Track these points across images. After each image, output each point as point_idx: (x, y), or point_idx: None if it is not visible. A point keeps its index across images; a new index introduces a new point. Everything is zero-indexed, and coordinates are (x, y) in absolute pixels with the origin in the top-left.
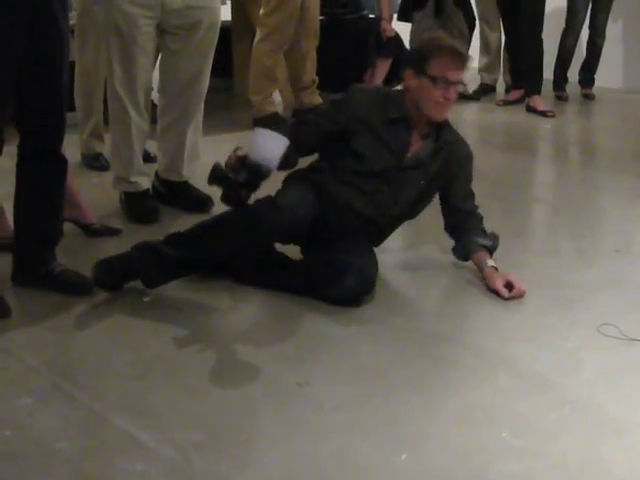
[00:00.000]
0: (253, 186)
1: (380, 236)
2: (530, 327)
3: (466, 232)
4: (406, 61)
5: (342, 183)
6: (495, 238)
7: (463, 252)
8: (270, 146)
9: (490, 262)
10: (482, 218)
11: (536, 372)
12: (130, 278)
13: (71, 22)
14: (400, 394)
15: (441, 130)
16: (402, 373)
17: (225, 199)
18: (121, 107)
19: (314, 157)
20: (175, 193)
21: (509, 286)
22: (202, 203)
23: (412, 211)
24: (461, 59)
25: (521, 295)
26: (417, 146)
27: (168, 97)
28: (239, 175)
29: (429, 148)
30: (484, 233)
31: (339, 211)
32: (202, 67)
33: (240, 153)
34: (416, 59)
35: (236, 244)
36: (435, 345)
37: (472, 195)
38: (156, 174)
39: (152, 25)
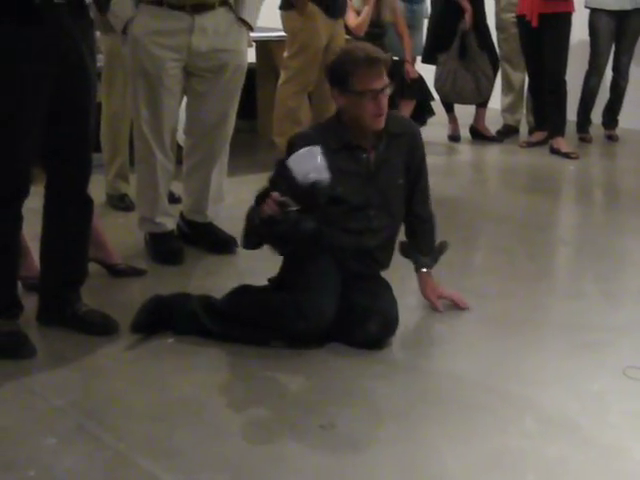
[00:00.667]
0: (316, 206)
1: (389, 254)
2: (556, 370)
3: (414, 241)
4: (329, 81)
5: (342, 232)
6: (439, 250)
7: (403, 254)
8: (309, 162)
9: (424, 269)
10: (432, 226)
11: (562, 415)
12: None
13: (98, 64)
14: (425, 437)
15: (387, 126)
16: (426, 416)
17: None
18: (147, 148)
19: None
20: (199, 233)
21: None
22: (226, 244)
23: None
24: (378, 65)
25: (464, 306)
26: (373, 153)
27: (194, 138)
28: (288, 211)
29: (382, 146)
30: (427, 248)
31: (355, 256)
32: (228, 109)
33: (275, 198)
34: (337, 78)
35: (265, 340)
36: (459, 388)
37: (425, 193)
38: (181, 214)
39: (179, 67)
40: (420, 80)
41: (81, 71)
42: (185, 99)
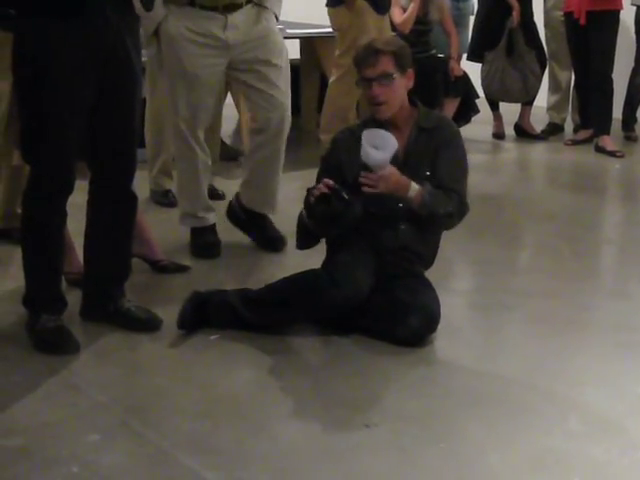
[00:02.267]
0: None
1: (431, 251)
2: (600, 371)
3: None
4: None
5: (376, 222)
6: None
7: None
8: (375, 158)
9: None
10: (452, 210)
11: (607, 416)
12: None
13: (143, 59)
14: (470, 437)
15: (418, 120)
16: (471, 415)
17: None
18: (186, 145)
19: None
20: (254, 224)
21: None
22: (276, 242)
23: None
24: (374, 54)
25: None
26: (404, 145)
27: (263, 134)
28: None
29: (411, 138)
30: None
31: (393, 251)
32: (286, 98)
33: (327, 182)
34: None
35: (303, 317)
36: (504, 388)
37: (456, 182)
38: (238, 199)
39: (218, 65)
40: (465, 78)
41: (126, 66)
42: (245, 102)
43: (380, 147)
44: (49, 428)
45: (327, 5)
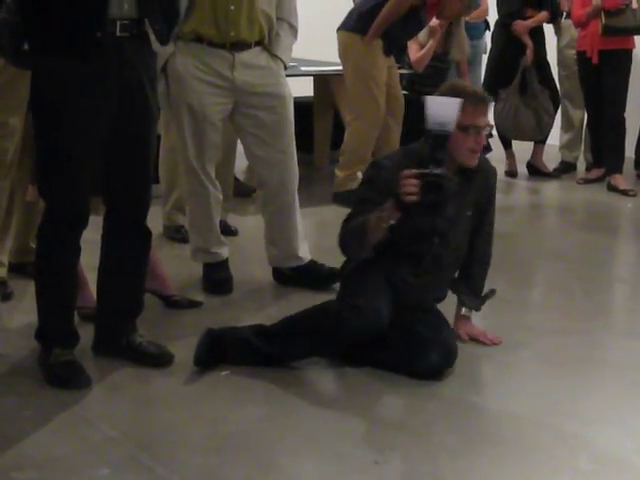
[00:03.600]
0: (442, 156)
1: (446, 287)
2: (611, 409)
3: (468, 280)
4: None
5: (406, 256)
6: (487, 295)
7: (453, 289)
8: (444, 110)
9: (464, 310)
10: (487, 268)
11: (618, 456)
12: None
13: None
14: (478, 475)
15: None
16: (480, 454)
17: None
18: (198, 181)
19: None
20: (303, 274)
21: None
22: (330, 278)
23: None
24: (484, 103)
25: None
26: None
27: (269, 186)
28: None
29: (457, 179)
30: (477, 291)
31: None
32: (290, 145)
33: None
34: None
35: (322, 348)
36: (514, 426)
37: (491, 234)
38: (274, 269)
39: (224, 104)
40: None
41: (142, 102)
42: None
43: (444, 111)
44: (60, 462)
45: (341, 28)
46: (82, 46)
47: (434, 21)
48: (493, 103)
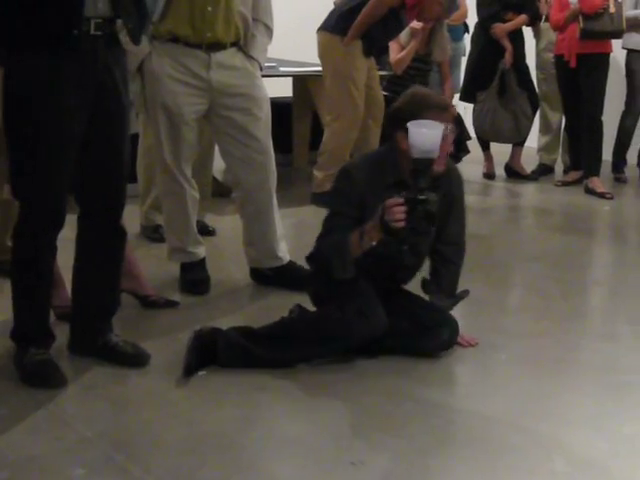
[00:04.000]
0: (424, 183)
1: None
2: (587, 411)
3: (437, 279)
4: (393, 124)
5: (376, 261)
6: (460, 296)
7: (424, 289)
8: (429, 140)
9: None
10: (457, 268)
11: (592, 457)
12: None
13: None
14: (453, 476)
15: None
16: (455, 455)
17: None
18: (174, 180)
19: None
20: (281, 275)
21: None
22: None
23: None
24: (448, 112)
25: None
26: None
27: (246, 187)
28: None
29: None
30: (448, 291)
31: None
32: (268, 145)
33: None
34: (405, 121)
35: (325, 353)
36: (489, 427)
37: (459, 238)
38: (252, 269)
39: (200, 104)
40: (458, 119)
41: (115, 101)
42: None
43: (428, 140)
44: (34, 462)
45: (321, 29)
46: (58, 44)
47: (415, 23)
48: (472, 105)
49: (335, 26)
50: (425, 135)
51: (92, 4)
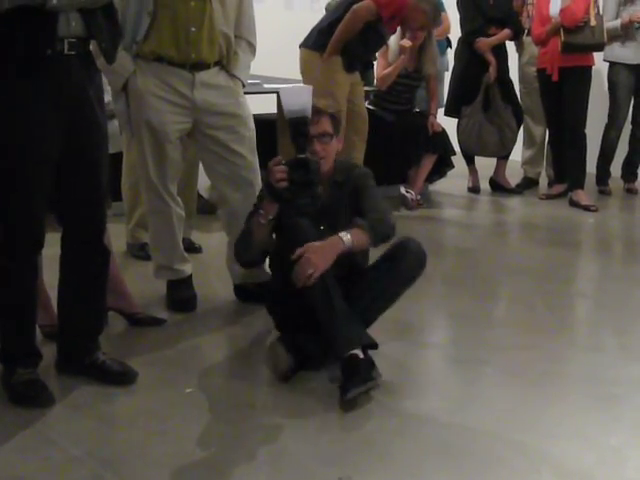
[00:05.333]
0: (303, 142)
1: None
2: (573, 423)
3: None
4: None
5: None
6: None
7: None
8: (298, 98)
9: (343, 234)
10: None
11: (579, 469)
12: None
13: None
14: None
15: (334, 174)
16: (442, 468)
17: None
18: (159, 198)
19: None
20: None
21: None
22: None
23: None
24: (316, 113)
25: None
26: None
27: (232, 205)
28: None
29: (328, 192)
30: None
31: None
32: (254, 162)
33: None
34: None
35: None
36: (476, 440)
37: (384, 211)
38: (237, 287)
39: (184, 123)
40: (443, 134)
41: (91, 121)
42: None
43: (295, 98)
44: None
45: (302, 45)
46: (32, 63)
47: (405, 41)
48: (457, 120)
49: (315, 42)
50: (292, 92)
51: (65, 24)
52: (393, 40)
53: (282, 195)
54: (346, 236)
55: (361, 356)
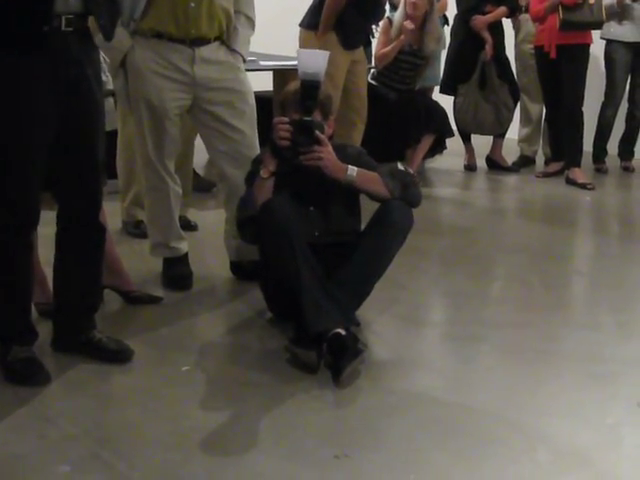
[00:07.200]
0: (312, 105)
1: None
2: (569, 401)
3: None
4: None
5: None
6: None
7: None
8: (313, 61)
9: (350, 167)
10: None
11: (575, 448)
12: None
13: (109, 87)
14: (438, 468)
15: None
16: (439, 446)
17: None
18: (157, 176)
19: None
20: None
21: None
22: None
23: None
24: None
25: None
26: None
27: (232, 181)
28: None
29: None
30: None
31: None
32: (254, 139)
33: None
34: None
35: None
36: (472, 418)
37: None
38: (235, 264)
39: (183, 99)
40: (443, 115)
41: (88, 98)
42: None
43: (311, 61)
44: (19, 459)
45: (300, 25)
46: (29, 41)
47: (407, 22)
48: (453, 98)
49: (309, 22)
50: (309, 55)
51: (63, 0)
52: (397, 17)
53: (283, 153)
54: (352, 169)
55: (343, 333)
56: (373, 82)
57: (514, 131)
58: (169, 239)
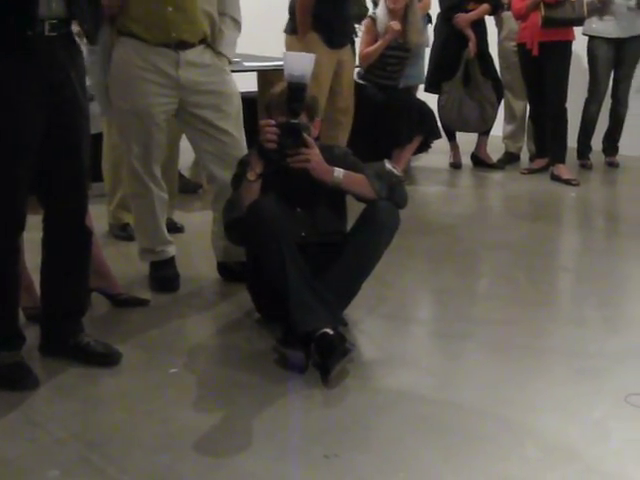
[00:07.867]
0: (298, 108)
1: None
2: (556, 397)
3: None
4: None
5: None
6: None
7: None
8: (300, 64)
9: (336, 168)
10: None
11: (563, 443)
12: None
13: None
14: (426, 465)
15: None
16: (427, 444)
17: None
18: (141, 183)
19: None
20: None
21: None
22: None
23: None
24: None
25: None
26: None
27: (220, 181)
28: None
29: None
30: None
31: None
32: (241, 140)
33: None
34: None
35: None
36: (460, 415)
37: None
38: (222, 265)
39: (169, 104)
40: (432, 116)
41: (73, 102)
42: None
43: (298, 64)
44: (8, 464)
45: (285, 31)
46: (12, 46)
47: (394, 23)
48: (437, 96)
49: (289, 26)
50: (295, 57)
51: (46, 5)
52: (380, 15)
53: (270, 156)
54: (339, 171)
55: (331, 332)
56: (360, 81)
57: (499, 128)
58: (155, 245)
